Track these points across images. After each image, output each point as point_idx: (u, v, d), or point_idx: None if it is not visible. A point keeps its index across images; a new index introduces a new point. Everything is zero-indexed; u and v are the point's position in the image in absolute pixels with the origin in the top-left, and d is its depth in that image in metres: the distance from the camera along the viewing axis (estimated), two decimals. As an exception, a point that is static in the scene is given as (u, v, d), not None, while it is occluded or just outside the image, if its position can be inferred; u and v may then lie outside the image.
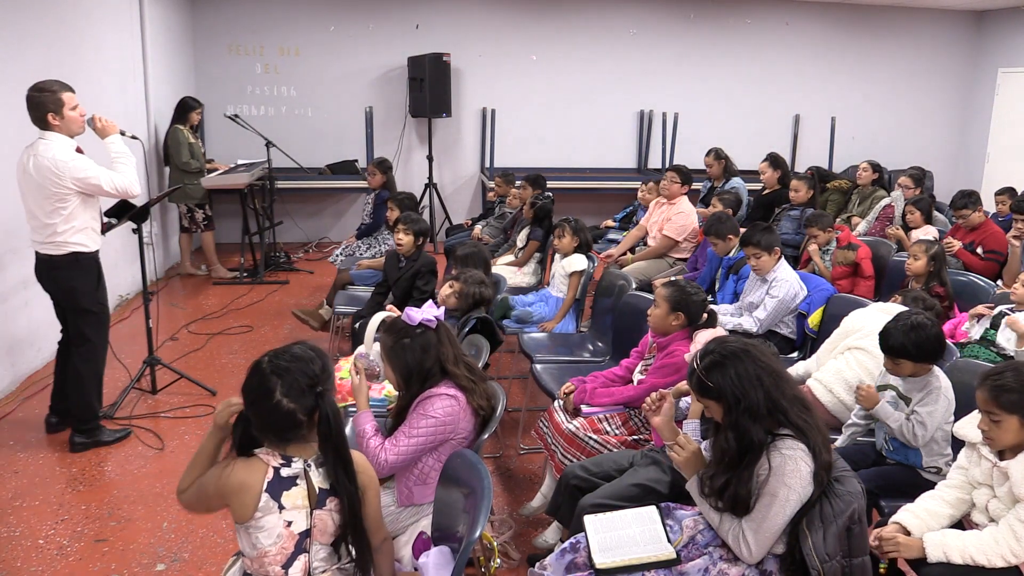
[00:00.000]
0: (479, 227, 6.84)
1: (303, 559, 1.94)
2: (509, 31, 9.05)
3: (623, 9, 9.20)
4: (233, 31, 8.54)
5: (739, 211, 6.11)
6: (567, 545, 2.33)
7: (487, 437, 2.69)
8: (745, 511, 2.15)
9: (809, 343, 4.08)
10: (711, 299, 4.68)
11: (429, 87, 8.17)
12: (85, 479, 3.71)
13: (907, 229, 5.71)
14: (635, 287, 4.36)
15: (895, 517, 2.40)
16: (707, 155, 7.05)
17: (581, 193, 8.88)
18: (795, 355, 4.13)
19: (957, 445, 2.57)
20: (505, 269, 5.58)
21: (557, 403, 3.34)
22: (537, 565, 2.36)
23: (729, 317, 4.33)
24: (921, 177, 6.68)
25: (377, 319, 3.39)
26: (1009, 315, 3.73)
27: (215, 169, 7.26)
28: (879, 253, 5.12)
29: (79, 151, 3.73)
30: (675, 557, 2.20)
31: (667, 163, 9.01)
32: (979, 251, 5.17)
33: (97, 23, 5.93)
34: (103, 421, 4.10)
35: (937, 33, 9.92)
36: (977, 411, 2.32)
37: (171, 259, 7.76)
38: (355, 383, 2.70)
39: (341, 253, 6.16)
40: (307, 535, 1.94)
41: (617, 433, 3.14)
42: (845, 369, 3.32)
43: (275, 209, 7.88)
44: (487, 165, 8.97)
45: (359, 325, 4.53)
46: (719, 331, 3.24)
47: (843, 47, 9.72)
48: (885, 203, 6.45)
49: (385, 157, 6.99)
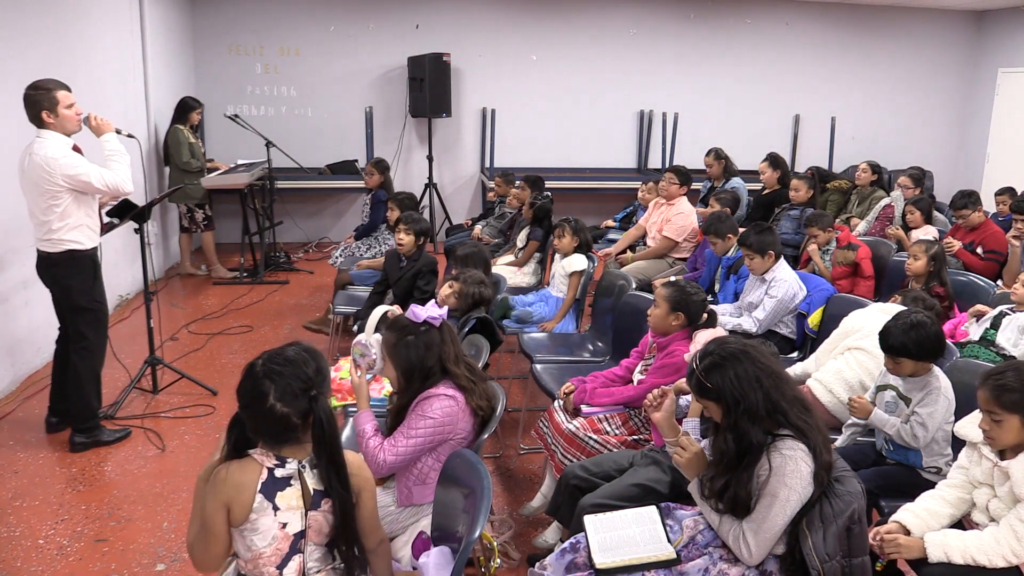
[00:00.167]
0: (479, 227, 6.84)
1: (298, 559, 1.94)
2: (509, 31, 9.05)
3: (623, 9, 9.20)
4: (233, 31, 8.54)
5: (737, 211, 6.10)
6: (567, 545, 2.32)
7: (487, 437, 2.69)
8: (745, 512, 2.15)
9: (809, 343, 4.08)
10: (711, 299, 4.69)
11: (429, 87, 8.17)
12: (85, 479, 3.71)
13: (907, 229, 5.71)
14: (635, 287, 4.36)
15: (895, 516, 2.40)
16: (707, 155, 7.05)
17: (581, 193, 8.88)
18: (795, 355, 4.13)
19: (957, 445, 2.57)
20: (505, 269, 5.58)
21: (557, 403, 3.34)
22: (537, 565, 2.36)
23: (728, 317, 4.34)
24: (921, 177, 6.67)
25: (379, 311, 3.39)
26: (1010, 314, 3.74)
27: (215, 169, 7.26)
28: (879, 253, 5.12)
29: (76, 150, 3.74)
30: (675, 557, 2.20)
31: (667, 163, 9.00)
32: (979, 251, 5.17)
33: (97, 23, 5.93)
34: (103, 421, 4.10)
35: (937, 33, 9.92)
36: (978, 411, 2.32)
37: (171, 259, 7.75)
38: (355, 382, 2.69)
39: (340, 254, 6.16)
40: (302, 536, 1.93)
41: (617, 433, 3.14)
42: (845, 369, 3.32)
43: (275, 209, 7.88)
44: (487, 165, 8.97)
45: (358, 326, 4.53)
46: (719, 331, 3.24)
47: (843, 47, 9.72)
48: (885, 203, 6.45)
49: (383, 158, 6.99)
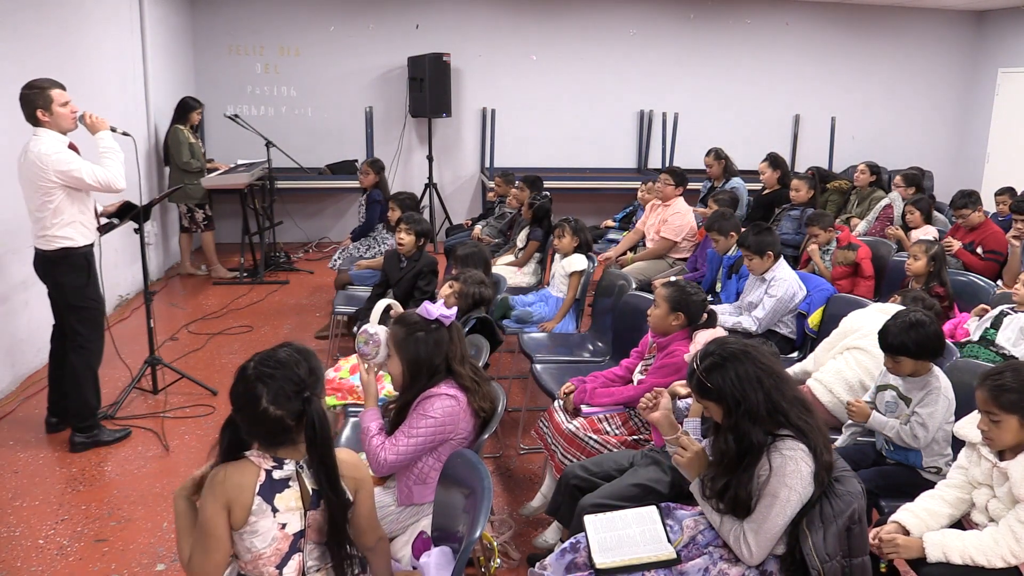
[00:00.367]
0: (479, 227, 6.84)
1: (297, 558, 1.94)
2: (509, 31, 9.05)
3: (623, 9, 9.20)
4: (233, 31, 8.54)
5: (737, 211, 6.10)
6: (567, 545, 2.32)
7: (487, 437, 2.69)
8: (746, 513, 2.15)
9: (809, 343, 4.08)
10: (713, 299, 4.69)
11: (429, 87, 8.17)
12: (85, 479, 3.71)
13: (907, 229, 5.71)
14: (635, 287, 4.36)
15: (894, 516, 2.40)
16: (707, 155, 7.06)
17: (581, 193, 8.88)
18: (795, 355, 4.13)
19: (957, 445, 2.57)
20: (505, 269, 5.58)
21: (557, 403, 3.34)
22: (537, 565, 2.36)
23: (728, 316, 4.34)
24: (915, 177, 6.68)
25: (383, 304, 3.39)
26: (1011, 314, 3.74)
27: (215, 169, 7.26)
28: (879, 253, 5.12)
29: (73, 148, 3.74)
30: (675, 557, 2.20)
31: (667, 163, 9.00)
32: (979, 251, 5.17)
33: (97, 23, 5.93)
34: (103, 421, 4.10)
35: (937, 33, 9.92)
36: (977, 411, 2.32)
37: (171, 259, 7.75)
38: (364, 378, 2.68)
39: (339, 256, 6.17)
40: (301, 535, 1.93)
41: (617, 433, 3.14)
42: (845, 369, 3.32)
43: (275, 209, 7.89)
44: (487, 165, 8.97)
45: (358, 325, 4.53)
46: (718, 331, 3.24)
47: (843, 47, 9.72)
48: (884, 203, 6.45)
49: (378, 158, 7.01)
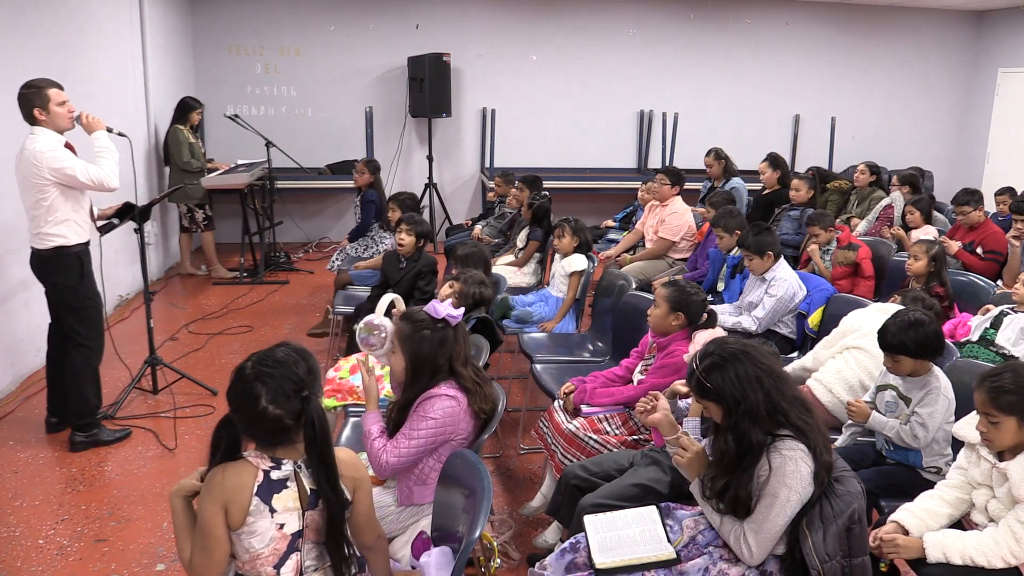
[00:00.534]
0: (479, 227, 6.84)
1: (295, 558, 1.94)
2: (509, 31, 9.05)
3: (623, 9, 9.20)
4: (233, 31, 8.54)
5: (735, 212, 6.11)
6: (567, 545, 2.32)
7: (487, 437, 2.69)
8: (746, 513, 2.15)
9: (809, 343, 4.08)
10: (714, 299, 4.69)
11: (429, 87, 8.17)
12: (85, 479, 3.71)
13: (907, 229, 5.71)
14: (635, 287, 4.37)
15: (894, 516, 2.40)
16: (707, 155, 7.05)
17: (581, 193, 8.89)
18: (795, 355, 4.13)
19: (957, 445, 2.57)
20: (505, 269, 5.58)
21: (557, 403, 3.34)
22: (537, 565, 2.36)
23: (728, 316, 4.34)
24: (910, 177, 6.68)
25: (387, 298, 3.38)
26: (1011, 314, 3.74)
27: (215, 169, 7.26)
28: (879, 253, 5.12)
29: (69, 148, 3.75)
30: (675, 557, 2.20)
31: (667, 163, 8.99)
32: (979, 251, 5.17)
33: (97, 23, 5.92)
34: (104, 421, 4.10)
35: (937, 33, 9.92)
36: (976, 412, 2.32)
37: (171, 259, 7.75)
38: (366, 382, 2.68)
39: (337, 258, 6.17)
40: (299, 535, 1.94)
41: (617, 433, 3.14)
42: (845, 369, 3.32)
43: (275, 209, 7.89)
44: (487, 165, 8.97)
45: (360, 324, 4.53)
46: (718, 331, 3.24)
47: (843, 47, 9.72)
48: (885, 203, 6.45)
49: (374, 159, 7.02)
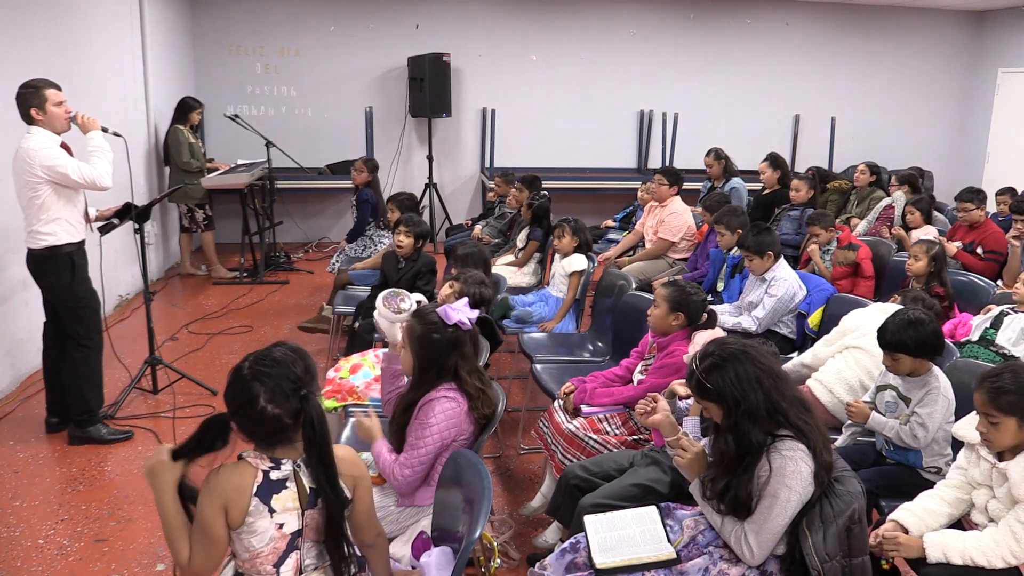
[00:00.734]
0: (479, 227, 6.84)
1: (295, 556, 1.94)
2: (509, 31, 9.05)
3: (623, 9, 9.20)
4: (233, 31, 8.54)
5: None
6: (567, 545, 2.32)
7: (487, 437, 2.70)
8: (746, 513, 2.15)
9: (809, 343, 4.07)
10: (714, 299, 4.69)
11: (429, 87, 8.17)
12: (85, 479, 3.71)
13: (907, 229, 5.71)
14: (635, 287, 4.36)
15: (893, 515, 2.40)
16: (707, 155, 7.05)
17: (581, 193, 8.89)
18: (795, 355, 4.13)
19: (957, 445, 2.57)
20: (505, 269, 5.58)
21: (557, 403, 3.34)
22: (537, 565, 2.36)
23: (728, 316, 4.34)
24: (909, 177, 6.68)
25: (392, 291, 3.36)
26: (1011, 314, 3.74)
27: (215, 169, 7.26)
28: (879, 253, 5.12)
29: (65, 148, 3.75)
30: (675, 557, 2.20)
31: (667, 163, 9.00)
32: (979, 251, 5.17)
33: (97, 23, 5.92)
34: (105, 421, 4.10)
35: (937, 33, 9.92)
36: (975, 412, 2.32)
37: (171, 259, 7.76)
38: (366, 425, 2.67)
39: (336, 260, 6.18)
40: (299, 534, 1.94)
41: (617, 433, 3.14)
42: (845, 369, 3.32)
43: (275, 209, 7.89)
44: (487, 165, 8.97)
45: (358, 325, 4.53)
46: (718, 331, 3.24)
47: (843, 47, 9.72)
48: (885, 203, 6.45)
49: (372, 158, 7.03)
